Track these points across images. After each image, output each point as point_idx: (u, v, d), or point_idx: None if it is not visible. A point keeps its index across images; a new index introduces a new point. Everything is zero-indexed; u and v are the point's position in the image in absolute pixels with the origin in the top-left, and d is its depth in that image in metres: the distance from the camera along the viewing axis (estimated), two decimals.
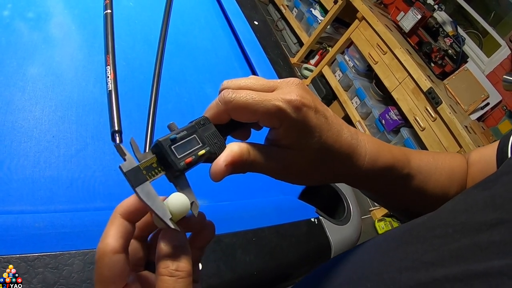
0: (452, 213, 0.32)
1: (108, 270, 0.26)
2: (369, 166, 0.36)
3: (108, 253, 0.26)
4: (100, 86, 0.68)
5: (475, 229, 0.28)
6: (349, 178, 0.37)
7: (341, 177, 0.37)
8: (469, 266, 0.26)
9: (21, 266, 0.40)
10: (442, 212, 0.34)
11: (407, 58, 2.16)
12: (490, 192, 0.31)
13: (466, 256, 0.27)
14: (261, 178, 0.78)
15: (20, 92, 0.59)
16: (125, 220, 0.29)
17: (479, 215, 0.29)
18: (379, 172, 0.37)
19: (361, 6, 2.45)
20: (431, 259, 0.29)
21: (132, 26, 0.86)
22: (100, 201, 0.55)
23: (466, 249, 0.27)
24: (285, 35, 3.42)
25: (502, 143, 0.43)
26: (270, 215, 0.67)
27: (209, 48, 0.99)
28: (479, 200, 0.31)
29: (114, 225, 0.28)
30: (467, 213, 0.30)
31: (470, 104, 2.20)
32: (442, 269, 0.27)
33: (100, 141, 0.61)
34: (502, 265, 0.24)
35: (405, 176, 0.41)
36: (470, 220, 0.29)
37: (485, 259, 0.25)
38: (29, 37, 0.68)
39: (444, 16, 2.48)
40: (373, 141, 0.38)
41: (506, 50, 2.19)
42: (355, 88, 2.65)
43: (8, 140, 0.53)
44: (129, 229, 0.29)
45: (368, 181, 0.39)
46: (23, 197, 0.49)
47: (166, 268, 0.26)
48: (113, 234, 0.28)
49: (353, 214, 0.82)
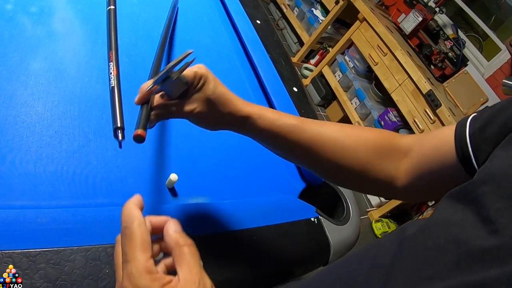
0: (441, 226, 0.32)
1: (141, 236, 0.33)
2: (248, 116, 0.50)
3: (141, 221, 0.34)
4: (103, 82, 0.68)
5: (467, 238, 0.28)
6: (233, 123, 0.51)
7: (227, 122, 0.51)
8: (467, 277, 0.26)
9: (23, 261, 0.40)
10: (430, 224, 0.33)
11: (407, 60, 2.17)
12: (474, 205, 0.31)
13: (463, 267, 0.27)
14: (261, 178, 0.79)
15: (22, 87, 0.59)
16: None
17: (468, 227, 0.29)
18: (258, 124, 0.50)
19: (362, 7, 2.45)
20: (428, 274, 0.29)
21: (135, 23, 0.86)
22: (102, 197, 0.55)
23: (461, 260, 0.27)
24: (285, 34, 3.42)
25: (460, 125, 0.43)
26: (270, 214, 0.68)
27: (212, 46, 0.99)
28: (466, 212, 0.31)
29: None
30: (456, 224, 0.30)
31: (469, 107, 2.20)
32: (441, 283, 0.27)
33: (103, 137, 0.61)
34: (498, 273, 0.24)
35: None
36: (460, 231, 0.29)
37: (481, 268, 0.26)
38: (32, 31, 0.68)
39: (445, 19, 2.48)
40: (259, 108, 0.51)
41: (506, 54, 2.20)
42: (355, 89, 2.66)
43: (10, 134, 0.53)
44: None
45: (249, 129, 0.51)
46: (25, 192, 0.49)
47: (183, 239, 0.35)
48: (139, 213, 0.36)
49: (352, 214, 0.82)
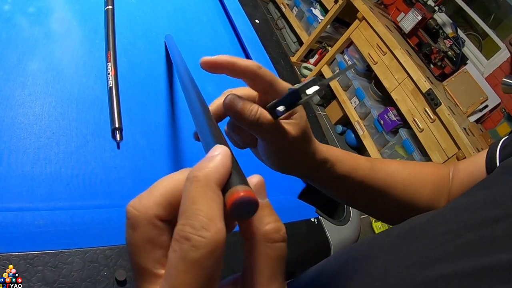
0: (454, 211, 0.33)
1: None
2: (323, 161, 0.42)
3: None
4: (101, 83, 0.68)
5: (478, 224, 0.28)
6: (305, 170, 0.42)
7: (300, 167, 0.42)
8: (476, 260, 0.26)
9: (20, 264, 0.40)
10: (444, 211, 0.34)
11: (406, 59, 2.16)
12: (490, 190, 0.32)
13: (473, 250, 0.27)
14: None
15: (20, 88, 0.59)
16: None
17: (481, 212, 0.30)
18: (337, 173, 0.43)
19: (361, 6, 2.45)
20: (437, 255, 0.29)
21: (134, 23, 0.86)
22: (100, 198, 0.54)
23: (471, 244, 0.27)
24: (284, 33, 3.41)
25: (491, 149, 0.44)
26: None
27: (211, 46, 0.98)
28: (480, 198, 0.32)
29: None
30: (469, 211, 0.31)
31: (469, 106, 2.20)
32: (449, 264, 0.27)
33: (101, 138, 0.61)
34: (510, 259, 0.24)
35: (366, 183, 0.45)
36: (472, 217, 0.30)
37: (491, 253, 0.26)
38: (30, 32, 0.67)
39: (444, 18, 2.48)
40: (335, 149, 0.44)
41: (506, 53, 2.20)
42: (354, 88, 2.65)
43: (7, 136, 0.52)
44: None
45: (326, 178, 0.44)
46: (22, 194, 0.49)
47: None
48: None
49: (352, 215, 0.82)
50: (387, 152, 2.41)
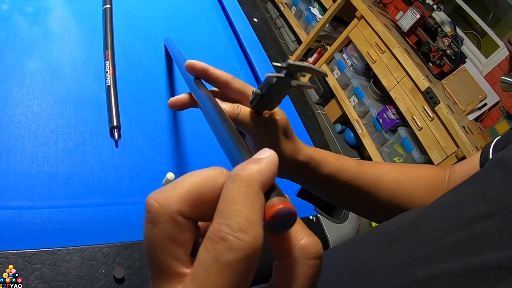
0: (443, 210, 0.32)
1: None
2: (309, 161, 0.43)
3: None
4: (99, 82, 0.68)
5: (467, 222, 0.28)
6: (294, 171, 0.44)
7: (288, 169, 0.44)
8: (466, 259, 0.25)
9: (18, 262, 0.40)
10: (432, 208, 0.34)
11: (405, 58, 2.16)
12: (479, 186, 0.31)
13: (461, 249, 0.26)
14: None
15: (18, 87, 0.59)
16: None
17: (471, 209, 0.29)
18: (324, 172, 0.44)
19: (360, 5, 2.45)
20: (425, 254, 0.28)
21: (132, 21, 0.86)
22: (98, 197, 0.54)
23: (460, 242, 0.27)
24: (283, 33, 3.41)
25: (485, 149, 0.44)
26: None
27: (209, 45, 0.98)
28: (469, 194, 0.31)
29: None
30: (458, 207, 0.30)
31: (467, 104, 2.20)
32: (438, 264, 0.27)
33: (99, 137, 0.61)
34: (501, 258, 0.24)
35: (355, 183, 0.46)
36: (462, 214, 0.29)
37: (481, 251, 0.25)
38: (28, 31, 0.67)
39: (443, 16, 2.48)
40: (321, 151, 0.46)
41: (504, 51, 2.20)
42: (353, 87, 2.65)
43: (5, 134, 0.53)
44: None
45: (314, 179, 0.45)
46: (20, 192, 0.49)
47: None
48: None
49: (351, 213, 0.82)
50: (386, 150, 2.41)
